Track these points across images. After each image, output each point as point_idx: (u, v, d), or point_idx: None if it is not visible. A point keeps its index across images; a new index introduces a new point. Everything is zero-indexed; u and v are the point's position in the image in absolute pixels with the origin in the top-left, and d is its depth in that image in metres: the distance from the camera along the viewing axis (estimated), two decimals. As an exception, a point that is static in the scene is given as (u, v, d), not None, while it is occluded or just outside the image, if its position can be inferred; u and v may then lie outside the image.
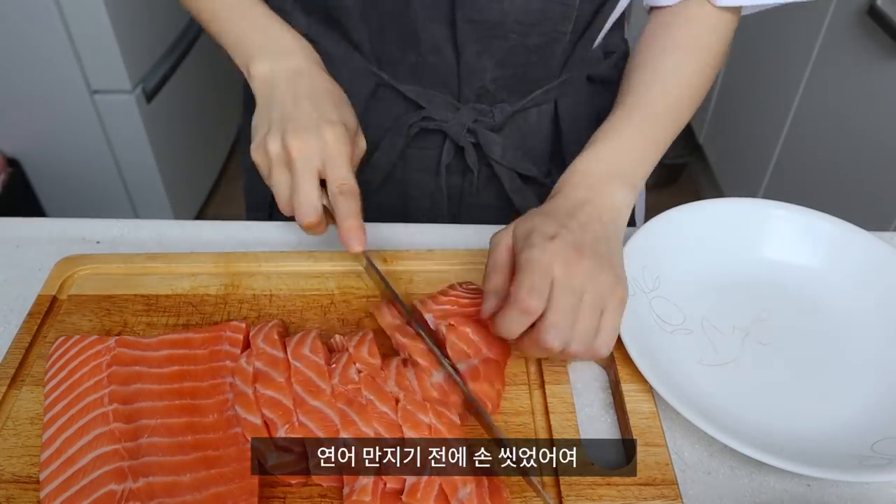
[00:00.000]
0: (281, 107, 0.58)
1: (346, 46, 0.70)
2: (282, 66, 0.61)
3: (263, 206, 0.81)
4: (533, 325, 0.49)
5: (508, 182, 0.73)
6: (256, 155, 0.57)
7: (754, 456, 0.47)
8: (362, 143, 0.61)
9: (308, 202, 0.55)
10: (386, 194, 0.76)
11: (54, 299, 0.60)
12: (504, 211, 0.76)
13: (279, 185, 0.56)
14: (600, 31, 0.70)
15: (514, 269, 0.51)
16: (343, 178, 0.55)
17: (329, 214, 0.57)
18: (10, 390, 0.53)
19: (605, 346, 0.50)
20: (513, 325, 0.49)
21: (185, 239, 0.69)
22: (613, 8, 0.68)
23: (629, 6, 0.71)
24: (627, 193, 0.56)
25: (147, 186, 1.75)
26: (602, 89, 0.75)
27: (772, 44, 1.73)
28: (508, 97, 0.70)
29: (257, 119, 0.59)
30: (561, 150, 0.75)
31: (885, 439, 0.50)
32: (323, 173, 0.56)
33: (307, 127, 0.56)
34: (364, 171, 0.73)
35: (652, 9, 0.66)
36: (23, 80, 1.54)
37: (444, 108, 0.70)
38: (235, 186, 2.17)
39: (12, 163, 1.69)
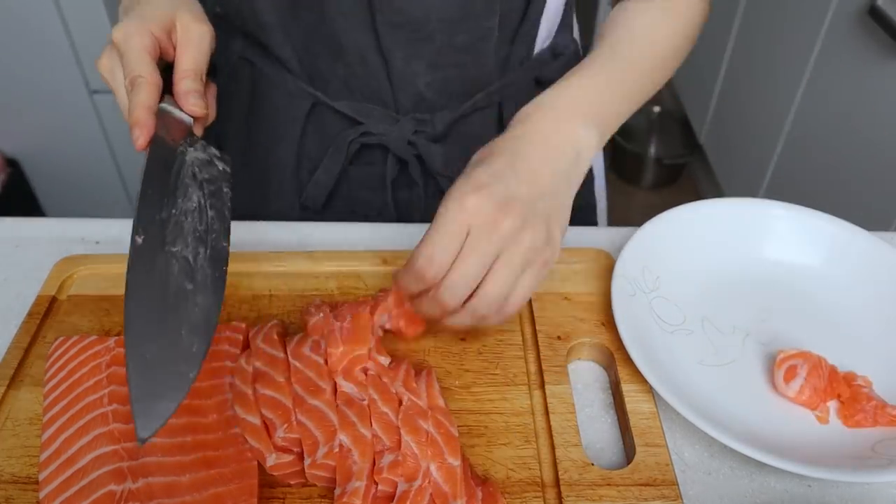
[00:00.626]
0: None
1: (278, 67, 0.68)
2: None
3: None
4: None
5: None
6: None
7: (754, 456, 0.47)
8: (196, 30, 0.52)
9: (122, 107, 0.51)
10: (332, 212, 0.75)
11: (54, 299, 0.60)
12: None
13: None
14: (536, 27, 0.68)
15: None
16: (132, 70, 0.49)
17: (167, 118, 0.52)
18: (10, 390, 0.53)
19: (513, 308, 0.49)
20: (408, 284, 0.48)
21: (185, 239, 0.69)
22: (544, 2, 0.66)
23: (582, 8, 0.70)
24: (592, 135, 0.53)
25: (147, 186, 1.75)
26: None
27: (772, 44, 1.73)
28: (448, 103, 0.68)
29: None
30: None
31: (886, 439, 0.50)
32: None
33: (109, 40, 0.52)
34: (307, 190, 0.73)
35: None
36: (23, 80, 1.54)
37: (382, 122, 0.68)
38: (235, 186, 2.16)
39: (12, 163, 1.69)
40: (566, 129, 0.52)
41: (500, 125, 0.71)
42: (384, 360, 0.52)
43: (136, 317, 0.41)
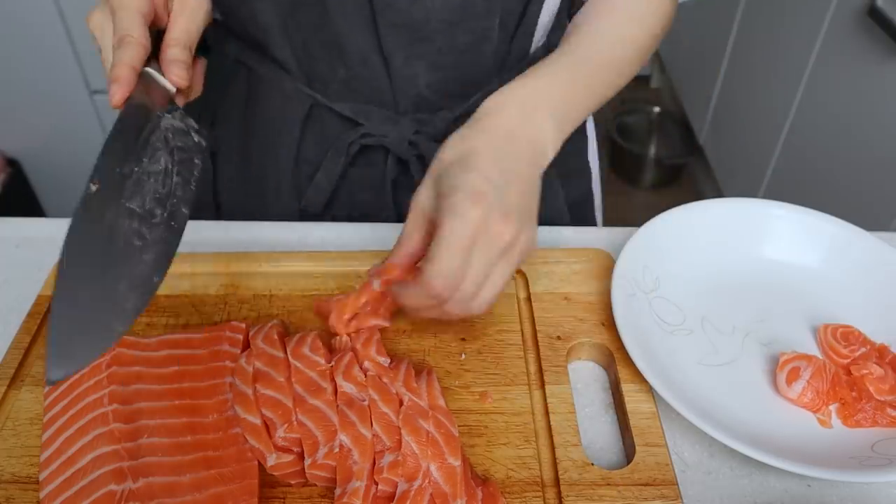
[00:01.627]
0: None
1: (275, 69, 0.68)
2: None
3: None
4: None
5: None
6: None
7: (754, 456, 0.47)
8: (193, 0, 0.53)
9: (107, 66, 0.51)
10: (332, 216, 0.75)
11: (54, 299, 0.60)
12: None
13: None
14: (534, 26, 0.68)
15: (430, 231, 0.50)
16: (122, 29, 0.49)
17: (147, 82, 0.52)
18: (10, 390, 0.53)
19: (487, 301, 0.49)
20: (418, 303, 0.49)
21: (185, 239, 0.68)
22: (542, 1, 0.66)
23: (572, 4, 0.69)
24: (556, 130, 0.54)
25: (147, 186, 1.75)
26: None
27: (772, 44, 1.73)
28: (448, 103, 0.68)
29: None
30: None
31: (885, 439, 0.50)
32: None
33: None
34: (307, 195, 0.72)
35: None
36: (23, 80, 1.54)
37: (382, 123, 0.68)
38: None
39: (12, 163, 1.69)
40: (533, 124, 0.53)
41: None
42: (384, 361, 0.52)
43: (73, 262, 0.41)
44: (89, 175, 0.44)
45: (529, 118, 0.53)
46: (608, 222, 0.89)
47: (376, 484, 0.46)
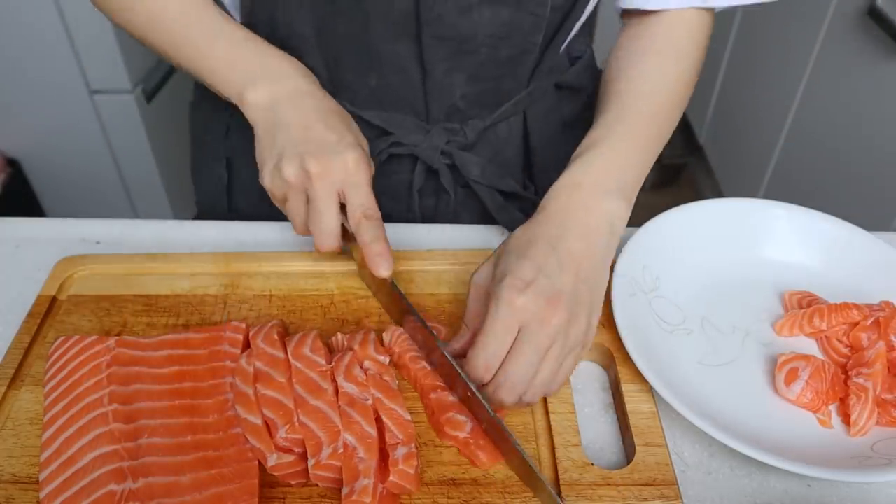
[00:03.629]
0: (290, 131, 0.55)
1: None
2: (282, 89, 0.57)
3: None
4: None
5: (490, 201, 0.71)
6: (271, 181, 0.55)
7: (755, 456, 0.47)
8: (372, 165, 0.57)
9: (329, 229, 0.54)
10: None
11: (54, 299, 0.60)
12: None
13: (296, 210, 0.55)
14: (566, 38, 0.68)
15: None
16: (367, 203, 0.54)
17: (345, 233, 0.56)
18: (10, 390, 0.53)
19: (557, 389, 0.50)
20: (472, 376, 0.49)
21: (185, 239, 0.69)
22: (581, 15, 0.66)
23: (596, 12, 0.69)
24: (622, 206, 0.54)
25: (147, 186, 1.75)
26: (569, 94, 0.73)
27: (772, 44, 1.73)
28: (479, 113, 0.68)
29: (262, 147, 0.57)
30: (531, 161, 0.73)
31: (885, 439, 0.50)
32: (343, 197, 0.54)
33: (326, 151, 0.54)
34: None
35: (624, 12, 0.65)
36: (23, 80, 1.54)
37: (413, 132, 0.68)
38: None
39: (12, 163, 1.69)
40: (596, 207, 0.52)
41: (525, 131, 0.71)
42: (384, 360, 0.52)
43: None
44: None
45: (592, 202, 0.53)
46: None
47: (382, 482, 0.46)
